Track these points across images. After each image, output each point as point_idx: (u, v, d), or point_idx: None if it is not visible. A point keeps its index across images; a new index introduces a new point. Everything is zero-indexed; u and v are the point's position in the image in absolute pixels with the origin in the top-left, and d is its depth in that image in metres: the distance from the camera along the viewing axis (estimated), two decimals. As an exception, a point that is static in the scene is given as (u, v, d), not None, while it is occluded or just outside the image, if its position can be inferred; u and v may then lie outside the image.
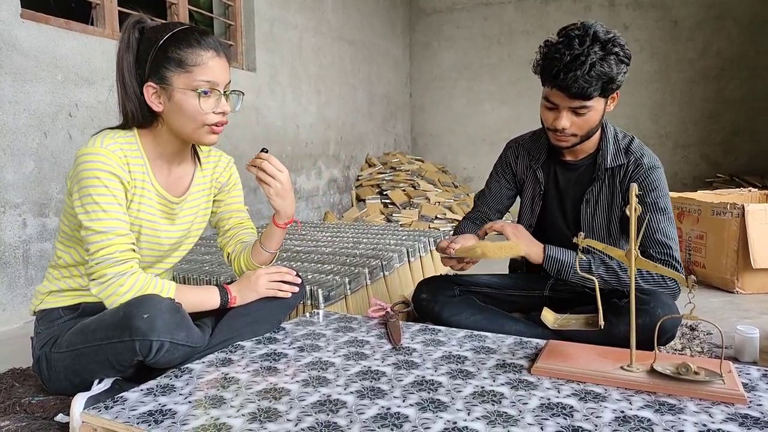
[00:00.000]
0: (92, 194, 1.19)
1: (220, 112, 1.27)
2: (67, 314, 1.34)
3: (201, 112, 1.24)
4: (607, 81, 1.42)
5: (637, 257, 1.08)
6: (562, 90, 1.42)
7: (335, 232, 3.05)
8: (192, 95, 1.23)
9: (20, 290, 2.26)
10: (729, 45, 5.17)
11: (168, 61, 1.22)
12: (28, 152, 2.28)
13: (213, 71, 1.24)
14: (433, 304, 1.66)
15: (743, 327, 1.65)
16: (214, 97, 1.25)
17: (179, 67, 1.22)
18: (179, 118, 1.25)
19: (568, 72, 1.39)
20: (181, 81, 1.22)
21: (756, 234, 2.46)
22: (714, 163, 5.31)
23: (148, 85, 1.24)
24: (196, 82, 1.23)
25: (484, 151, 6.05)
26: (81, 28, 2.57)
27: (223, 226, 1.54)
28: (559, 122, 1.48)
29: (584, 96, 1.42)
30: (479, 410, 0.95)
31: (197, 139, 1.29)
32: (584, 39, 1.40)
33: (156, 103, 1.25)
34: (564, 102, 1.45)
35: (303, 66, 4.39)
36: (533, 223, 1.73)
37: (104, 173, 1.20)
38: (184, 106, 1.23)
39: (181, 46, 1.22)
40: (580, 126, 1.49)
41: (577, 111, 1.46)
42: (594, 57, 1.39)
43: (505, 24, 5.92)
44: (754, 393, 1.01)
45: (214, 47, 1.25)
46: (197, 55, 1.23)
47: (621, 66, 1.43)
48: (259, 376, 1.12)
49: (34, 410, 1.28)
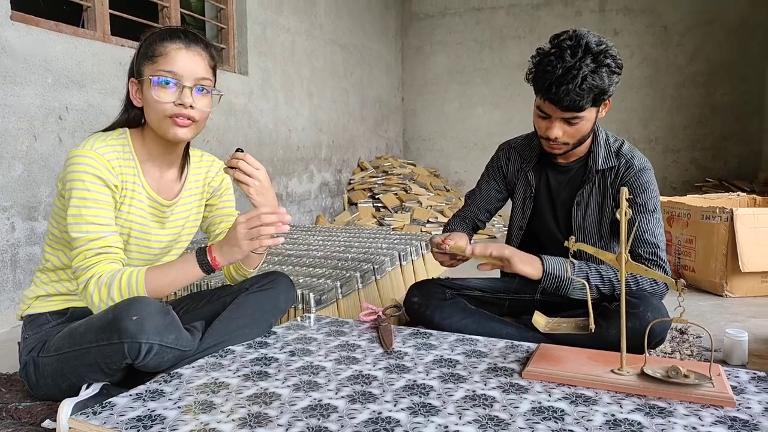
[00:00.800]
0: (74, 197, 1.21)
1: (179, 104, 1.24)
2: (54, 319, 1.33)
3: (156, 100, 1.23)
4: (599, 93, 1.42)
5: (627, 261, 1.09)
6: (554, 103, 1.43)
7: (327, 236, 3.04)
8: (154, 84, 1.24)
9: (8, 294, 2.23)
10: (718, 50, 5.23)
11: (143, 55, 1.27)
12: (18, 155, 2.27)
13: (175, 62, 1.24)
14: (425, 308, 1.66)
15: (732, 330, 1.66)
16: (177, 89, 1.25)
17: (147, 59, 1.26)
18: (148, 111, 1.28)
19: (560, 86, 1.39)
20: (148, 72, 1.25)
21: (745, 238, 2.48)
22: (703, 167, 5.36)
23: (131, 81, 1.29)
24: (158, 72, 1.24)
25: (476, 155, 6.07)
26: (72, 31, 2.56)
27: (214, 231, 1.53)
28: (552, 132, 1.49)
29: (576, 108, 1.43)
30: (471, 414, 0.95)
31: (163, 132, 1.27)
32: (576, 50, 1.40)
33: (137, 98, 1.29)
34: (556, 113, 1.46)
35: (295, 69, 4.39)
36: (524, 225, 1.74)
37: (89, 176, 1.21)
38: (146, 96, 1.26)
39: (155, 40, 1.26)
40: (572, 135, 1.50)
41: (569, 121, 1.47)
42: (586, 70, 1.39)
43: (497, 29, 5.96)
44: (743, 396, 1.01)
45: (184, 41, 1.26)
46: (162, 46, 1.25)
47: (613, 77, 1.44)
48: (250, 381, 1.11)
49: (20, 416, 1.26)
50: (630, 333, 1.14)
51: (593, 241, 1.64)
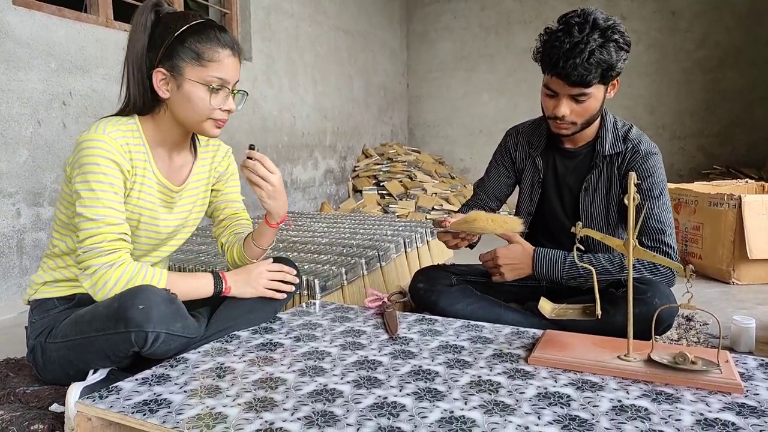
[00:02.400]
0: (90, 180, 1.18)
1: (226, 110, 1.28)
2: (62, 304, 1.33)
3: (209, 107, 1.25)
4: (607, 68, 1.42)
5: (635, 247, 1.08)
6: (561, 78, 1.42)
7: (332, 222, 3.04)
8: (202, 89, 1.23)
9: (14, 280, 2.24)
10: (727, 36, 5.16)
11: (184, 51, 1.22)
12: (22, 141, 2.26)
13: (227, 69, 1.25)
14: (430, 294, 1.65)
15: (739, 317, 1.65)
16: (222, 94, 1.26)
17: (195, 60, 1.22)
18: (185, 108, 1.25)
19: (568, 60, 1.39)
20: (194, 73, 1.23)
21: (752, 225, 2.46)
22: (710, 154, 5.31)
23: (158, 71, 1.23)
24: (210, 78, 1.23)
25: (482, 142, 6.04)
26: (74, 16, 2.54)
27: (218, 216, 1.53)
28: (559, 110, 1.48)
29: (584, 83, 1.42)
30: (476, 399, 0.95)
31: (200, 130, 1.30)
32: (584, 26, 1.40)
33: (163, 89, 1.25)
34: (564, 89, 1.45)
35: (299, 55, 4.36)
36: (532, 211, 1.73)
37: (104, 159, 1.19)
38: (192, 98, 1.24)
39: (201, 40, 1.23)
40: (579, 113, 1.49)
41: (576, 98, 1.46)
42: (593, 44, 1.39)
43: (503, 14, 5.89)
44: (751, 382, 1.01)
45: (231, 46, 1.26)
46: (215, 52, 1.23)
47: (621, 53, 1.43)
48: (255, 366, 1.11)
49: (28, 400, 1.27)
50: (637, 319, 1.13)
51: (601, 227, 1.62)
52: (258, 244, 1.44)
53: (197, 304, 1.36)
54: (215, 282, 1.33)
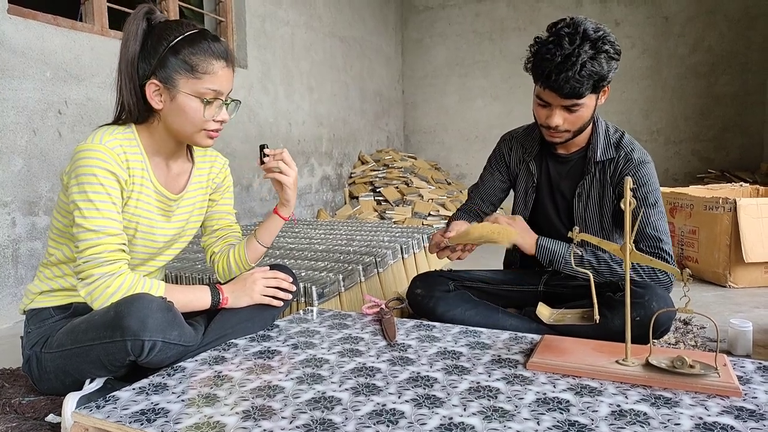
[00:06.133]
0: (87, 191, 1.18)
1: (219, 120, 1.28)
2: (58, 314, 1.32)
3: (203, 118, 1.24)
4: (599, 79, 1.43)
5: (631, 251, 1.08)
6: (554, 90, 1.43)
7: (328, 229, 3.04)
8: (196, 101, 1.23)
9: (10, 290, 2.23)
10: (720, 41, 5.20)
11: (178, 63, 1.21)
12: (17, 150, 2.26)
13: (221, 81, 1.25)
14: (428, 300, 1.65)
15: (736, 320, 1.66)
16: (216, 105, 1.26)
17: (189, 72, 1.21)
18: (179, 119, 1.25)
19: (560, 73, 1.40)
20: (188, 86, 1.22)
21: (748, 228, 2.47)
22: (705, 158, 5.34)
23: (151, 82, 1.22)
24: (204, 90, 1.23)
25: (477, 148, 6.05)
26: (69, 24, 2.54)
27: (212, 226, 1.53)
28: (552, 120, 1.49)
29: (576, 95, 1.43)
30: (475, 406, 0.94)
31: (193, 141, 1.30)
32: (574, 37, 1.41)
33: (156, 100, 1.24)
34: (556, 101, 1.46)
35: (295, 63, 4.37)
36: (527, 217, 1.74)
37: (101, 170, 1.18)
38: (186, 110, 1.23)
39: (195, 52, 1.21)
40: (572, 122, 1.50)
41: (569, 108, 1.47)
42: (584, 56, 1.39)
43: (497, 20, 5.92)
44: (749, 386, 1.01)
45: (225, 57, 1.26)
46: (209, 64, 1.23)
47: (612, 63, 1.44)
48: (253, 374, 1.11)
49: (24, 411, 1.26)
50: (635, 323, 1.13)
51: (595, 233, 1.63)
52: (262, 241, 1.46)
53: (194, 313, 1.35)
54: (212, 294, 1.33)
